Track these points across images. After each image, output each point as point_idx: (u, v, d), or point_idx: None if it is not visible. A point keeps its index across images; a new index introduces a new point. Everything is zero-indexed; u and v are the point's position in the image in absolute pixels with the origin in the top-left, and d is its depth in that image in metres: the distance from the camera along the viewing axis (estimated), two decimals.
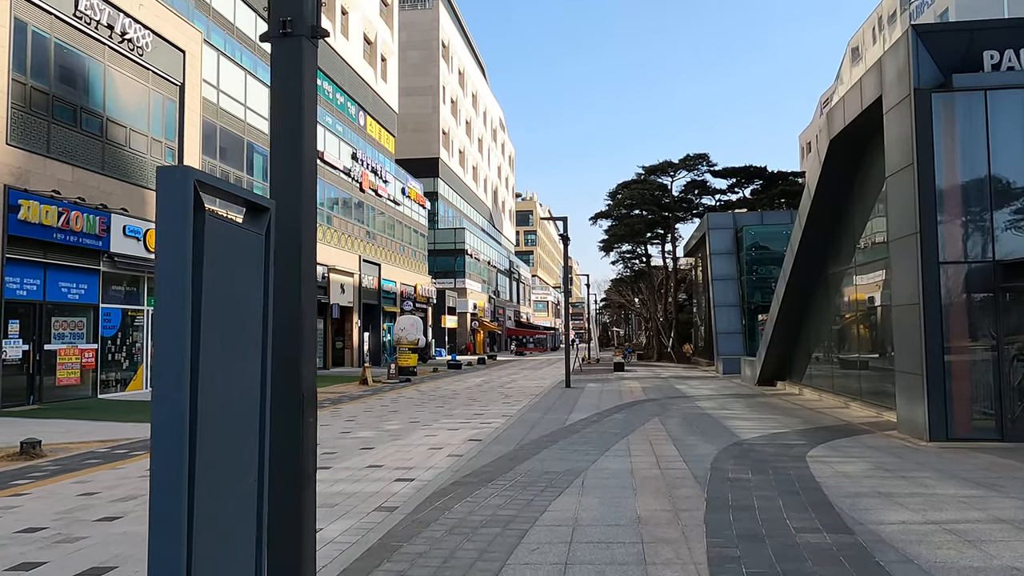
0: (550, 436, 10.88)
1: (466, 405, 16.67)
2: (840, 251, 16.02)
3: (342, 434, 11.75)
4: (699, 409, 14.97)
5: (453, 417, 14.13)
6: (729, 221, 31.91)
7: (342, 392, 21.06)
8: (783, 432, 11.15)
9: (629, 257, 47.30)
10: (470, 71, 75.74)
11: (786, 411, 14.54)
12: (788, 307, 18.52)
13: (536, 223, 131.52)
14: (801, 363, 19.72)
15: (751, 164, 42.97)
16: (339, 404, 17.35)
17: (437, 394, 20.12)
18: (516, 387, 22.61)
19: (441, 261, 61.07)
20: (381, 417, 14.32)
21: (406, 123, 59.51)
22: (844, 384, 16.00)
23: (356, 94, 40.44)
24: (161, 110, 21.50)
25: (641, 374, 29.43)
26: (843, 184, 15.11)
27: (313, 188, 3.04)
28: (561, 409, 15.18)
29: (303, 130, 2.95)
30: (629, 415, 13.83)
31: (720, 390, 20.34)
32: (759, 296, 30.75)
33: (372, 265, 39.39)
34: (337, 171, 34.84)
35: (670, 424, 12.33)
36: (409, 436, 11.36)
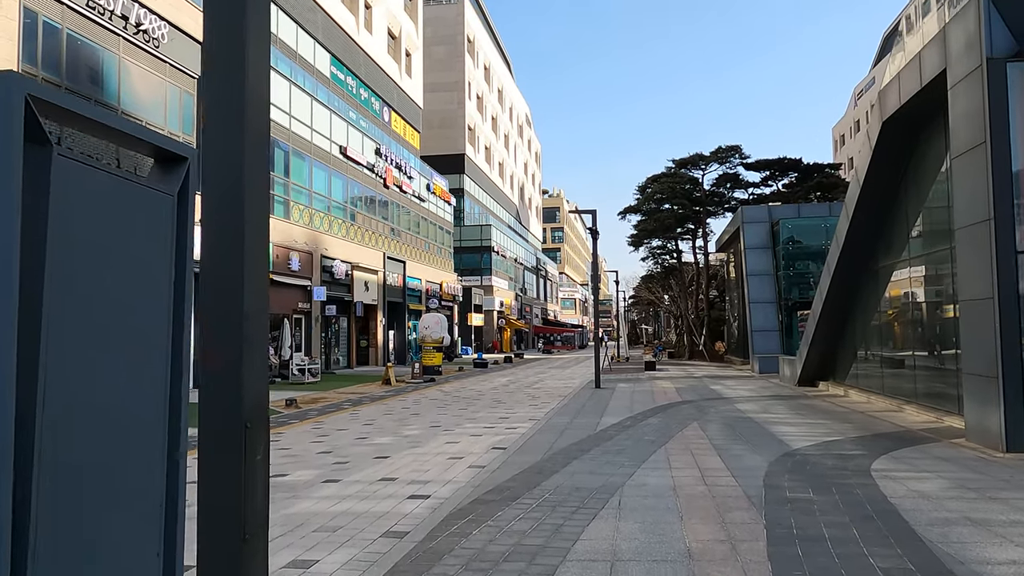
0: (580, 444, 10.01)
1: (491, 407, 15.85)
2: (891, 243, 14.91)
3: (357, 440, 10.99)
4: (740, 412, 13.98)
5: (476, 421, 13.31)
6: (764, 214, 30.68)
7: (363, 393, 20.37)
8: (837, 440, 10.15)
9: (659, 253, 46.14)
10: (496, 66, 74.93)
11: (834, 415, 13.50)
12: (833, 303, 17.41)
13: (563, 219, 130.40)
14: (846, 362, 18.59)
15: (785, 156, 41.57)
16: (359, 406, 16.64)
17: (461, 395, 19.33)
18: (543, 387, 21.75)
19: (467, 258, 60.37)
20: (401, 421, 13.56)
21: (431, 119, 58.89)
22: (896, 385, 14.88)
23: (380, 89, 39.84)
24: (178, 104, 20.99)
25: (673, 373, 28.39)
26: (895, 170, 14.01)
27: (264, 135, 2.21)
28: (591, 412, 14.29)
29: (246, 52, 2.11)
30: (665, 419, 12.90)
31: (759, 391, 19.28)
32: (796, 292, 29.53)
33: (397, 262, 38.76)
34: (360, 167, 34.24)
35: (711, 430, 11.39)
36: (428, 443, 10.56)
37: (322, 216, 30.19)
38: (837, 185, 41.51)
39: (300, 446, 10.50)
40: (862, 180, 14.36)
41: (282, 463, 8.98)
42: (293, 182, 27.83)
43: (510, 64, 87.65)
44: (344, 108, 33.48)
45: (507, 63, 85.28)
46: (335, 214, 31.50)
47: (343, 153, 32.35)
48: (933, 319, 13.17)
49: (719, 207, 43.54)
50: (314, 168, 29.65)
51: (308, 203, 28.95)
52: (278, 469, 8.55)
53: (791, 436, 10.58)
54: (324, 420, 13.91)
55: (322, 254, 29.56)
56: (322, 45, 32.62)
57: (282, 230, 26.47)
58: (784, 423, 12.24)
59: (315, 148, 29.79)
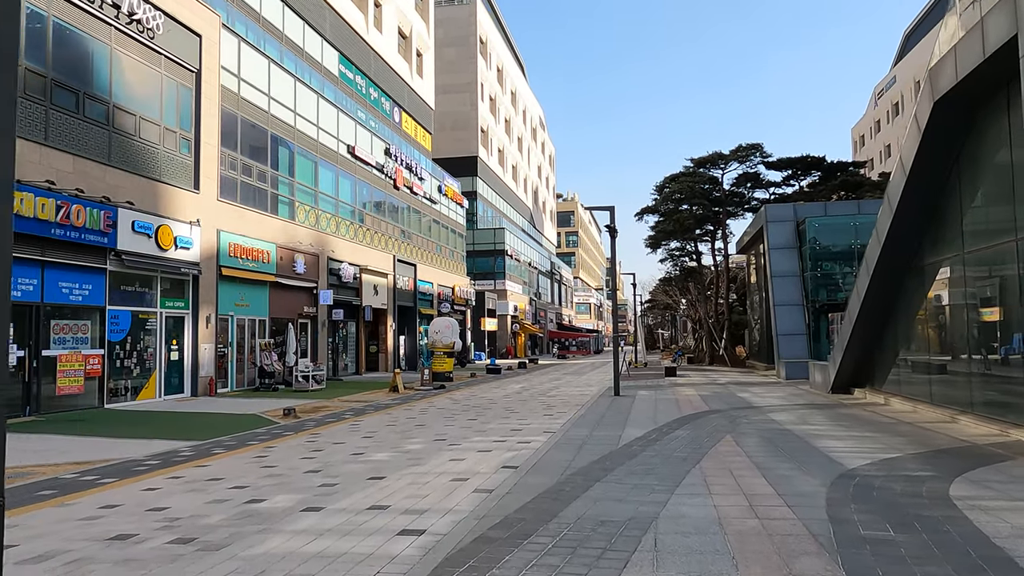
0: (602, 462, 8.83)
1: (502, 418, 14.68)
2: (942, 237, 13.62)
3: (353, 456, 9.86)
4: (775, 424, 12.72)
5: (486, 433, 12.15)
6: (789, 213, 29.34)
7: (368, 401, 19.27)
8: (895, 458, 8.90)
9: (678, 255, 44.79)
10: (509, 68, 73.95)
11: (881, 426, 12.22)
12: (872, 304, 16.11)
13: (578, 224, 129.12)
14: (885, 368, 17.28)
15: (808, 154, 40.18)
16: (362, 416, 15.53)
17: (471, 403, 18.18)
18: (559, 395, 20.56)
19: (480, 262, 59.31)
20: (404, 433, 12.42)
21: (444, 121, 57.97)
22: (947, 393, 13.57)
23: (390, 89, 38.90)
24: (175, 98, 20.03)
25: (695, 379, 27.08)
26: (947, 157, 12.73)
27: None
28: (612, 424, 13.09)
29: None
30: (694, 432, 11.68)
31: (790, 399, 17.99)
32: (823, 294, 28.17)
33: (407, 265, 37.73)
34: (369, 167, 33.24)
35: (748, 445, 10.16)
36: (431, 460, 9.41)
37: (329, 217, 29.20)
38: (862, 184, 40.09)
39: (288, 463, 9.38)
40: (908, 169, 13.09)
41: (262, 485, 7.87)
42: (298, 182, 26.85)
43: (523, 67, 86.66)
44: (353, 107, 32.52)
45: (520, 65, 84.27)
46: (343, 215, 30.51)
47: (351, 153, 31.37)
48: (997, 320, 11.87)
49: (739, 208, 42.20)
50: (320, 168, 28.67)
51: (314, 204, 27.96)
52: (255, 493, 7.44)
53: (841, 453, 9.33)
54: (321, 432, 12.80)
55: (329, 256, 28.56)
56: (330, 43, 31.70)
57: (286, 231, 25.48)
58: (828, 436, 10.98)
59: (322, 147, 28.82)
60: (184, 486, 7.96)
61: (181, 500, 7.21)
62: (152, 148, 18.99)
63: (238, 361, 22.86)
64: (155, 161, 19.07)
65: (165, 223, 19.01)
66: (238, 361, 22.86)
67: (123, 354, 17.97)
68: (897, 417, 13.57)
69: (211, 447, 11.10)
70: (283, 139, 25.94)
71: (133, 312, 18.27)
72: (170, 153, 19.69)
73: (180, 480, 8.34)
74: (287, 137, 26.19)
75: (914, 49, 68.97)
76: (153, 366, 18.98)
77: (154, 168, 18.98)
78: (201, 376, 20.50)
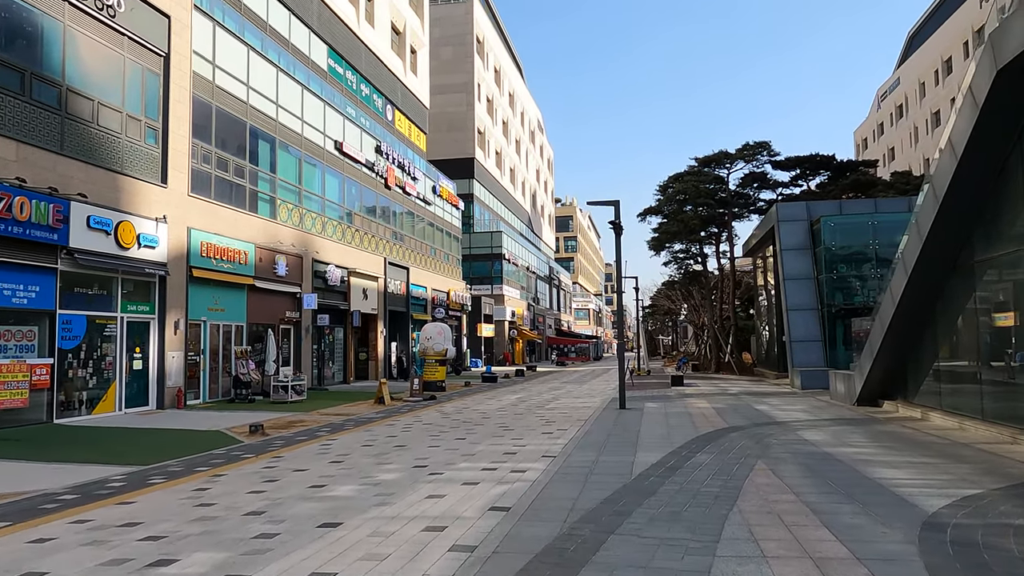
0: (614, 502, 7.11)
1: (495, 436, 12.95)
2: (997, 230, 11.94)
3: (311, 491, 8.13)
4: (811, 446, 11.01)
5: (475, 458, 10.42)
6: (802, 212, 27.67)
7: (350, 414, 17.54)
8: (979, 496, 7.20)
9: (682, 257, 43.07)
10: (507, 69, 72.43)
11: (936, 449, 10.51)
12: (908, 307, 14.42)
13: (577, 228, 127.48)
14: (919, 379, 15.58)
15: (817, 152, 38.53)
16: (338, 433, 13.79)
17: (462, 418, 16.45)
18: (559, 407, 18.83)
19: (477, 267, 57.63)
20: (380, 456, 10.70)
21: (439, 122, 56.40)
22: (1004, 409, 11.87)
23: (383, 86, 37.28)
24: (140, 83, 18.35)
25: (704, 389, 25.34)
26: (1007, 136, 11.07)
27: None
28: (621, 445, 11.37)
29: None
30: (719, 457, 9.97)
31: (815, 412, 16.28)
32: (840, 297, 26.48)
33: (399, 269, 36.02)
34: (359, 165, 31.56)
35: (788, 476, 8.44)
36: (404, 496, 7.69)
37: (314, 217, 27.50)
38: (874, 183, 38.45)
39: (230, 500, 7.66)
40: (960, 153, 11.40)
41: (183, 535, 6.14)
42: (280, 178, 25.15)
43: (521, 68, 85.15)
44: (342, 103, 30.85)
45: (518, 67, 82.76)
46: (329, 215, 28.80)
47: (339, 149, 29.69)
48: None
49: (745, 209, 40.54)
50: (305, 164, 26.99)
51: (298, 202, 26.26)
52: (168, 549, 5.71)
53: (907, 487, 7.62)
54: (285, 454, 11.08)
55: (314, 258, 26.84)
56: (318, 35, 30.06)
57: (266, 231, 23.78)
58: (880, 463, 9.26)
59: (307, 143, 27.14)
60: (85, 536, 6.24)
61: (68, 560, 5.49)
62: (113, 137, 17.30)
63: (212, 370, 21.12)
64: (116, 151, 17.38)
65: (127, 219, 17.30)
66: (212, 370, 21.12)
67: (77, 363, 16.23)
68: (945, 436, 11.86)
69: (150, 475, 9.37)
70: (264, 132, 24.25)
71: (89, 317, 16.54)
72: (134, 143, 18.00)
73: (86, 526, 6.62)
74: (268, 131, 24.51)
75: (918, 51, 67.57)
76: (112, 376, 17.24)
77: (115, 159, 17.29)
78: (168, 387, 18.77)
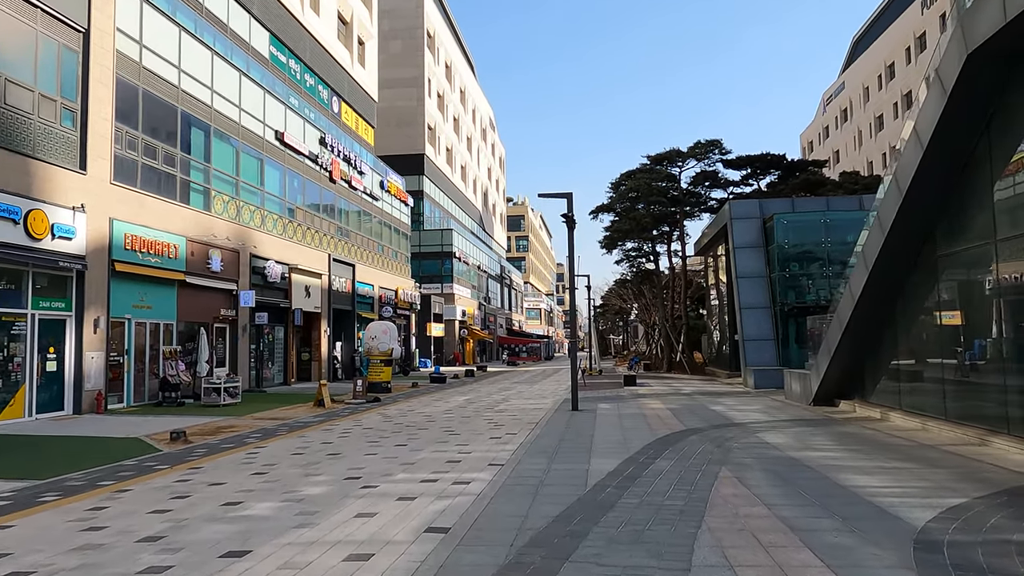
0: (568, 519, 6.28)
1: (439, 442, 12.03)
2: (961, 224, 11.52)
3: (223, 509, 7.10)
4: (775, 450, 10.38)
5: (415, 467, 9.49)
6: (755, 209, 27.42)
7: (285, 418, 16.39)
8: (966, 505, 6.59)
9: (635, 255, 42.70)
10: (458, 65, 71.36)
11: (904, 453, 9.99)
12: (868, 304, 13.99)
13: (528, 228, 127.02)
14: (877, 378, 15.21)
15: (768, 152, 38.58)
16: (268, 440, 12.69)
17: (406, 421, 15.48)
18: (509, 409, 17.99)
19: (427, 265, 56.46)
20: (310, 467, 9.68)
21: (388, 117, 55.07)
22: (969, 409, 11.46)
23: (329, 77, 35.90)
24: (55, 61, 16.87)
25: (658, 389, 24.81)
26: (974, 125, 10.63)
27: None
28: (574, 451, 10.58)
29: None
30: (679, 463, 9.24)
31: (772, 413, 15.79)
32: (792, 296, 26.28)
33: (345, 266, 34.72)
34: (302, 157, 30.21)
35: (756, 484, 7.75)
36: (329, 516, 6.73)
37: (253, 210, 26.11)
38: (823, 183, 38.65)
39: (124, 521, 6.60)
40: (926, 143, 10.94)
41: (49, 571, 5.08)
42: (216, 168, 23.73)
43: (473, 65, 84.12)
44: (285, 92, 29.46)
45: (470, 64, 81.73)
46: (270, 208, 27.43)
47: (280, 140, 28.33)
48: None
49: (696, 208, 40.40)
50: (243, 155, 25.59)
51: (235, 194, 24.86)
52: None
53: (886, 498, 6.98)
54: (204, 465, 9.97)
55: (252, 253, 25.47)
56: (259, 21, 28.58)
57: (200, 223, 22.36)
58: (852, 469, 8.65)
59: (245, 132, 25.74)
60: None
61: None
62: (23, 118, 15.81)
63: (137, 372, 19.67)
64: (27, 133, 15.90)
65: (39, 207, 15.84)
66: (137, 372, 19.67)
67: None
68: (910, 437, 11.40)
69: (42, 492, 8.20)
70: (197, 120, 22.81)
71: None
72: (48, 125, 16.52)
73: None
74: (203, 118, 23.08)
75: (862, 56, 68.92)
76: (22, 378, 15.75)
77: (25, 141, 15.81)
78: (87, 390, 17.32)
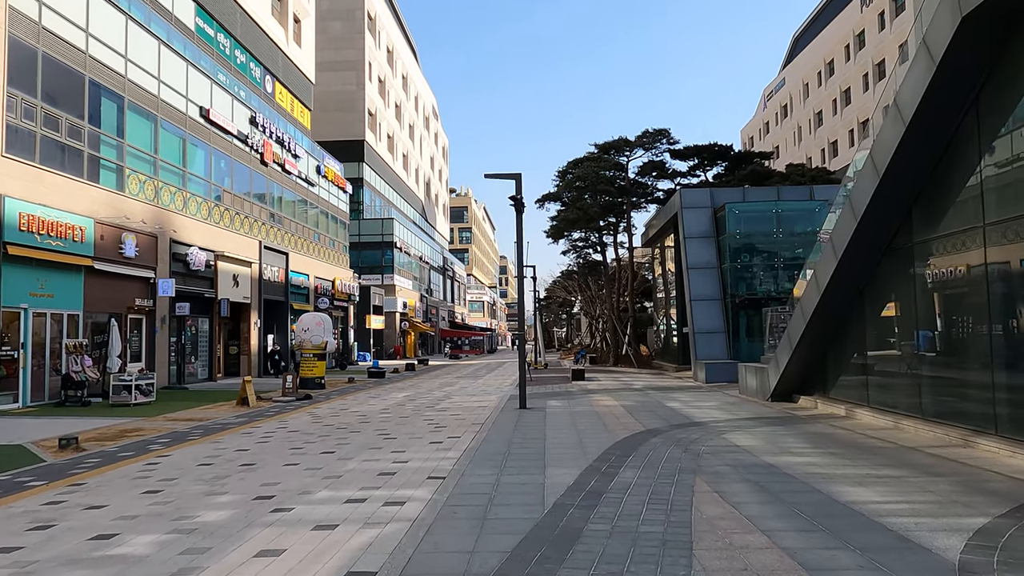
0: (526, 557, 5.03)
1: (372, 448, 10.63)
2: (941, 208, 10.70)
3: (89, 545, 5.60)
4: (747, 454, 9.35)
5: (340, 482, 8.10)
6: (706, 198, 26.69)
7: (202, 419, 14.71)
8: (991, 527, 5.59)
9: (582, 246, 41.77)
10: (400, 50, 69.28)
11: (890, 457, 9.07)
12: (835, 294, 13.17)
13: (471, 220, 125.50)
14: (840, 372, 14.45)
15: (716, 142, 38.12)
16: (175, 446, 11.07)
17: (337, 422, 14.00)
18: (452, 408, 16.66)
19: (367, 255, 54.52)
20: (215, 482, 8.18)
21: (327, 101, 52.89)
22: (952, 407, 10.66)
23: (262, 55, 33.77)
24: None
25: (607, 384, 23.80)
26: (961, 100, 9.77)
27: None
28: (526, 458, 9.34)
29: None
30: (647, 473, 8.09)
31: (731, 411, 14.88)
32: (743, 287, 25.66)
33: (278, 254, 32.73)
34: (230, 136, 28.14)
35: (742, 501, 6.64)
36: (222, 554, 5.31)
37: (174, 191, 24.03)
38: (770, 175, 38.41)
39: None
40: (908, 119, 10.04)
41: None
42: (130, 144, 21.62)
43: (416, 52, 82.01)
44: (212, 67, 27.35)
45: (413, 50, 79.61)
46: (193, 190, 25.35)
47: (205, 117, 26.25)
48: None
49: (642, 199, 39.69)
50: (163, 131, 23.48)
51: (153, 173, 22.77)
52: None
53: (896, 518, 5.94)
54: (90, 480, 8.37)
55: (172, 238, 23.43)
56: None
57: (111, 204, 20.29)
58: (840, 479, 7.64)
59: (165, 106, 23.63)
60: None
61: None
62: None
63: (36, 368, 17.61)
64: None
65: None
66: (36, 368, 17.61)
67: None
68: (887, 438, 10.55)
69: None
70: (109, 90, 20.69)
71: None
72: None
73: None
74: (115, 88, 20.95)
75: (802, 53, 69.65)
76: None
77: None
78: None
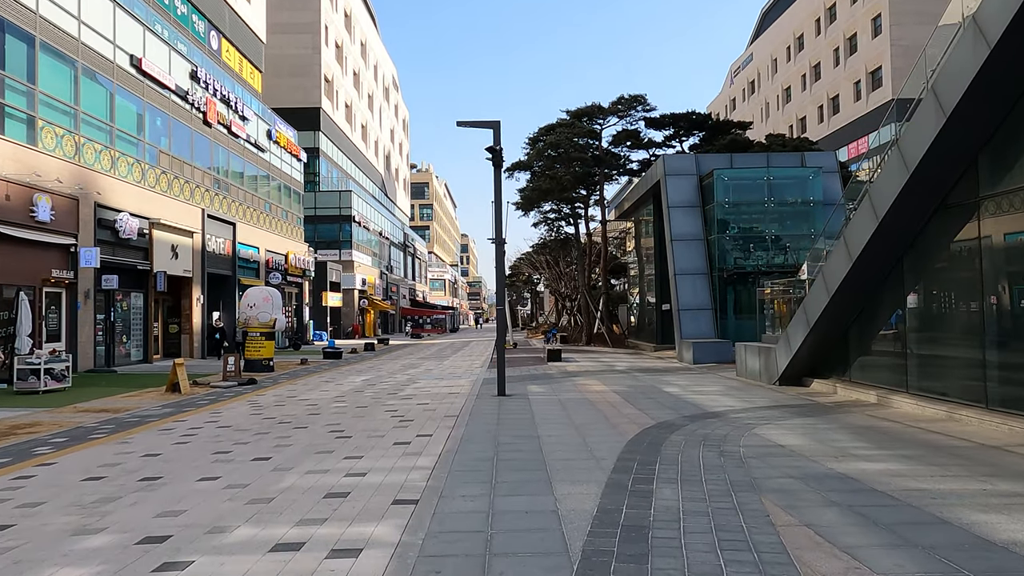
0: None
1: (320, 452, 8.40)
2: (1019, 155, 8.81)
3: None
4: (802, 458, 7.37)
5: (268, 513, 5.87)
6: (691, 165, 24.74)
7: (121, 409, 12.27)
8: None
9: (554, 218, 39.65)
10: (358, 15, 65.89)
11: (980, 461, 7.19)
12: (870, 264, 11.28)
13: (433, 196, 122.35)
14: (866, 351, 12.64)
15: (693, 111, 36.21)
16: (71, 448, 8.70)
17: (280, 414, 11.70)
18: (418, 395, 14.45)
19: (323, 229, 51.67)
20: (93, 511, 5.89)
21: (280, 65, 49.64)
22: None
23: (206, 8, 30.72)
24: None
25: (588, 365, 21.80)
26: None
27: None
28: (522, 469, 7.22)
29: None
30: (695, 495, 6.04)
31: (741, 397, 12.98)
32: (732, 260, 23.84)
33: (223, 224, 29.94)
34: (167, 91, 25.24)
35: (852, 544, 4.63)
36: None
37: (99, 149, 21.18)
38: (750, 145, 36.69)
39: None
40: (994, 40, 8.07)
41: None
42: (43, 92, 18.74)
43: (375, 18, 78.43)
44: (147, 15, 24.35)
45: (372, 16, 76.06)
46: (123, 148, 22.49)
47: (137, 67, 23.33)
48: None
49: (615, 170, 37.69)
50: (84, 79, 20.57)
51: (73, 127, 19.92)
52: None
53: None
54: None
55: (97, 202, 20.64)
56: None
57: (19, 159, 17.48)
58: (958, 502, 5.69)
59: (87, 51, 20.70)
60: None
61: None
62: None
63: None
64: None
65: None
66: None
67: None
68: (952, 432, 8.70)
69: None
70: (14, 26, 17.78)
71: None
72: None
73: None
74: (23, 25, 18.04)
75: (770, 27, 68.29)
76: None
77: None
78: None
